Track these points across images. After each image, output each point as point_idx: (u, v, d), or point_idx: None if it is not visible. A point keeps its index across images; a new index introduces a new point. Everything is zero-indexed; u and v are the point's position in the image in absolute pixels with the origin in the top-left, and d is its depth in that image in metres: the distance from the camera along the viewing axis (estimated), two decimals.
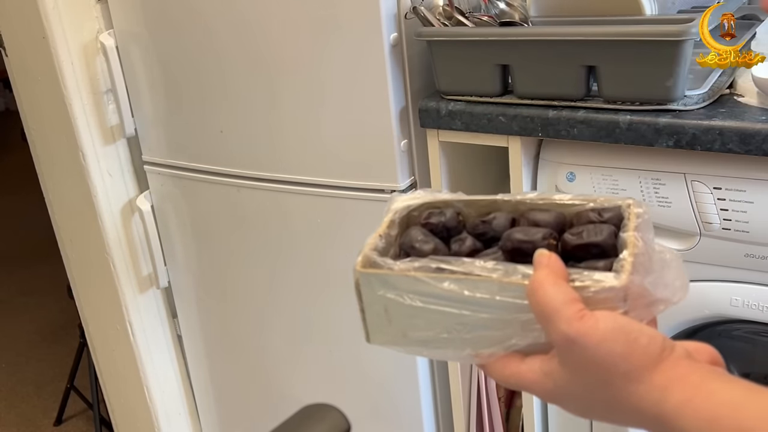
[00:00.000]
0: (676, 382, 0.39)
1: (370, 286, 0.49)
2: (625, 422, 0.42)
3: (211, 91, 1.40)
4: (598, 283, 0.43)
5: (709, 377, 0.40)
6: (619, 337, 0.40)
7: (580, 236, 0.48)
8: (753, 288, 1.03)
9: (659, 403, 0.39)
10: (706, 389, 0.39)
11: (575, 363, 0.41)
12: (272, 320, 1.56)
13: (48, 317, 2.96)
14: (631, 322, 0.41)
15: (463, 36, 1.13)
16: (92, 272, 1.68)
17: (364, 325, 0.51)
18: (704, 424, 0.38)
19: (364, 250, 0.50)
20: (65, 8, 1.42)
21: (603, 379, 0.41)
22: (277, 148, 1.36)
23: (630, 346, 0.40)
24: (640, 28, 1.00)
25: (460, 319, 0.46)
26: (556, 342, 0.42)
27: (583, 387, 0.42)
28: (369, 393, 1.49)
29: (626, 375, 0.40)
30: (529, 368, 0.44)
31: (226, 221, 1.51)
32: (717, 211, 1.00)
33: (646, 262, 0.45)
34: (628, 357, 0.40)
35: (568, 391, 0.43)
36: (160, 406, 1.77)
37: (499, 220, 0.51)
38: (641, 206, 0.49)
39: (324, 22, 1.22)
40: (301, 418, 0.55)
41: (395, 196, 0.55)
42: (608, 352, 0.40)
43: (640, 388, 0.40)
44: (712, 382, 0.39)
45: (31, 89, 1.55)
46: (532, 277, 0.43)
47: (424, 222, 0.52)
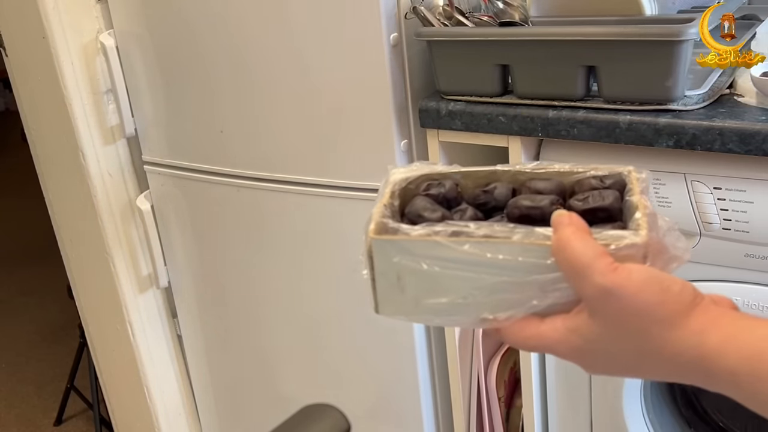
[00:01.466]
0: (712, 324, 0.40)
1: (384, 254, 0.47)
2: (657, 373, 0.42)
3: (211, 91, 1.40)
4: (620, 240, 0.43)
5: (742, 317, 0.41)
6: (653, 286, 0.40)
7: (586, 201, 0.48)
8: (753, 288, 1.03)
9: (699, 346, 0.40)
10: (745, 326, 0.40)
11: (611, 315, 0.41)
12: (272, 320, 1.56)
13: (48, 317, 2.96)
14: (661, 272, 0.42)
15: (463, 36, 1.13)
16: (92, 272, 1.68)
17: (373, 295, 0.49)
18: (748, 360, 0.39)
19: (374, 218, 0.49)
20: (65, 8, 1.42)
21: (640, 329, 0.41)
22: (277, 148, 1.36)
23: (665, 294, 0.40)
24: (640, 29, 1.00)
25: (479, 282, 0.45)
26: (590, 296, 0.41)
27: (616, 339, 0.42)
28: (369, 393, 1.49)
29: (663, 322, 0.40)
30: (551, 327, 0.44)
31: (226, 221, 1.51)
32: (717, 211, 1.00)
33: (656, 223, 0.45)
34: (664, 304, 0.40)
35: (597, 346, 0.43)
36: (160, 406, 1.77)
37: (500, 190, 0.50)
38: (642, 172, 0.50)
39: (324, 21, 1.22)
40: (301, 418, 0.55)
41: (392, 169, 0.55)
42: (645, 300, 0.40)
43: (677, 333, 0.40)
44: (747, 320, 0.40)
45: (31, 89, 1.55)
46: (558, 234, 0.42)
47: (423, 193, 0.51)
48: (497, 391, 1.39)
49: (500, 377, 1.39)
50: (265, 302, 1.54)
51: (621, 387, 1.19)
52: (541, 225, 0.45)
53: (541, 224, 0.45)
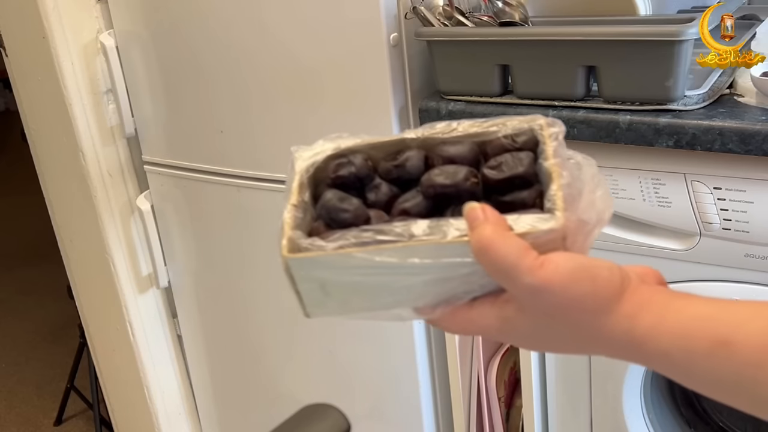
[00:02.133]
0: (642, 307, 0.40)
1: (302, 270, 0.47)
2: (594, 353, 0.42)
3: (211, 91, 1.40)
4: (536, 228, 0.41)
5: (671, 297, 0.40)
6: (582, 276, 0.40)
7: (500, 170, 0.46)
8: (753, 288, 1.03)
9: (631, 330, 0.40)
10: (673, 308, 0.39)
11: (541, 310, 0.41)
12: (272, 320, 1.56)
13: (48, 317, 2.96)
14: (588, 258, 0.41)
15: (463, 36, 1.13)
16: (92, 272, 1.68)
17: (300, 303, 0.48)
18: (679, 340, 0.38)
19: (286, 232, 0.48)
20: (65, 8, 1.42)
21: (572, 320, 0.41)
22: (277, 148, 1.36)
23: (593, 283, 0.40)
24: (640, 29, 1.00)
25: (404, 282, 0.44)
26: (519, 294, 0.41)
27: (548, 328, 0.42)
28: (369, 393, 1.49)
29: (595, 311, 0.40)
30: (480, 314, 0.43)
31: (226, 221, 1.51)
32: (717, 211, 1.00)
33: (573, 188, 0.43)
34: (594, 294, 0.40)
35: (530, 333, 0.43)
36: (160, 406, 1.77)
37: (412, 162, 0.48)
38: (553, 124, 0.48)
39: (324, 21, 1.22)
40: (301, 418, 0.55)
41: (296, 153, 0.52)
42: (575, 293, 0.40)
43: (609, 319, 0.40)
44: (676, 301, 0.40)
45: (31, 89, 1.55)
46: (476, 235, 0.41)
47: (333, 176, 0.49)
48: (497, 391, 1.39)
49: (500, 377, 1.39)
50: (265, 302, 1.54)
51: (621, 387, 1.19)
52: (458, 202, 0.44)
53: (458, 201, 0.44)
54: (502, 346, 1.40)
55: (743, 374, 0.37)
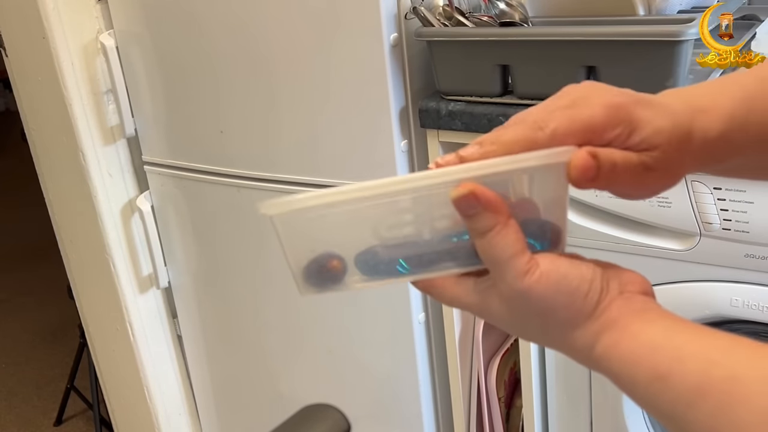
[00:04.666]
0: (607, 327, 0.41)
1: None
2: (562, 352, 0.44)
3: (211, 91, 1.40)
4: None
5: (635, 317, 0.41)
6: (562, 288, 0.41)
7: None
8: (753, 288, 1.03)
9: (591, 347, 0.41)
10: (630, 331, 0.40)
11: (517, 308, 0.42)
12: (272, 320, 1.56)
13: (48, 317, 2.96)
14: (573, 267, 0.41)
15: (463, 36, 1.14)
16: (92, 272, 1.68)
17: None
18: (626, 365, 0.40)
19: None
20: (65, 8, 1.42)
21: (543, 324, 0.42)
22: (277, 148, 1.36)
23: (572, 297, 0.41)
24: (640, 29, 1.00)
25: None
26: (501, 289, 0.42)
27: (521, 324, 0.43)
28: (369, 393, 1.49)
29: (565, 322, 0.42)
30: (465, 291, 0.45)
31: (226, 221, 1.51)
32: (717, 211, 1.00)
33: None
34: (569, 306, 0.41)
35: (504, 321, 0.44)
36: (160, 406, 1.77)
37: None
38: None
39: (324, 22, 1.22)
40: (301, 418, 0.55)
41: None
42: (551, 304, 0.41)
43: (575, 333, 0.41)
44: (636, 324, 0.40)
45: (31, 89, 1.55)
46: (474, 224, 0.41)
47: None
48: (497, 391, 1.39)
49: (500, 377, 1.39)
50: (265, 302, 1.54)
51: None
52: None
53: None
54: (502, 346, 1.40)
55: (675, 410, 0.38)
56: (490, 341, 1.38)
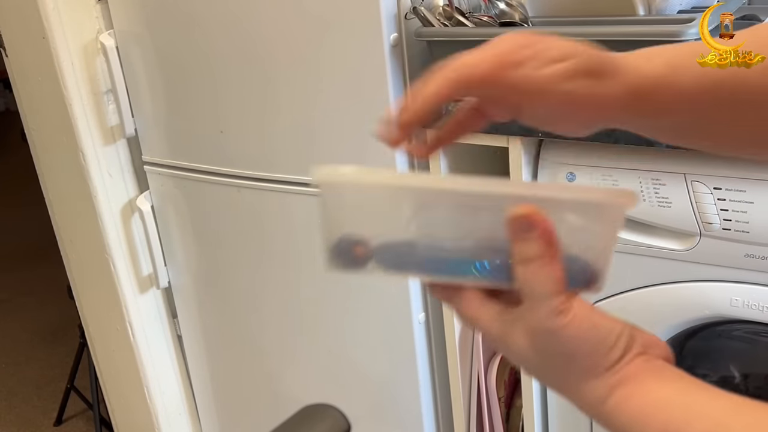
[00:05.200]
0: (624, 382, 0.41)
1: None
2: (565, 397, 0.44)
3: (211, 91, 1.40)
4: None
5: (651, 375, 0.41)
6: (590, 336, 0.41)
7: None
8: (753, 288, 1.03)
9: (602, 401, 0.41)
10: (644, 388, 0.40)
11: (541, 346, 0.42)
12: (272, 320, 1.56)
13: (48, 317, 2.96)
14: (603, 319, 0.41)
15: (463, 36, 1.13)
16: (92, 272, 1.68)
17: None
18: (636, 420, 0.40)
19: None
20: (65, 8, 1.42)
21: (561, 366, 0.42)
22: (277, 148, 1.36)
23: (597, 346, 0.41)
24: (639, 29, 1.00)
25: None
26: (530, 323, 0.42)
27: (540, 362, 0.43)
28: (369, 393, 1.49)
29: (585, 371, 0.41)
30: (488, 315, 0.44)
31: (226, 221, 1.51)
32: (717, 211, 1.00)
33: None
34: (593, 355, 0.41)
35: (521, 356, 0.44)
36: (160, 406, 1.77)
37: None
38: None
39: (324, 22, 1.22)
40: (301, 418, 0.55)
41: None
42: (576, 348, 0.41)
43: (591, 383, 0.41)
44: (650, 381, 0.41)
45: (31, 89, 1.55)
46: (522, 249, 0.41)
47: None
48: (497, 391, 1.39)
49: (500, 377, 1.39)
50: (265, 302, 1.54)
51: None
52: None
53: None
54: None
55: None
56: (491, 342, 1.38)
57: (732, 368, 1.24)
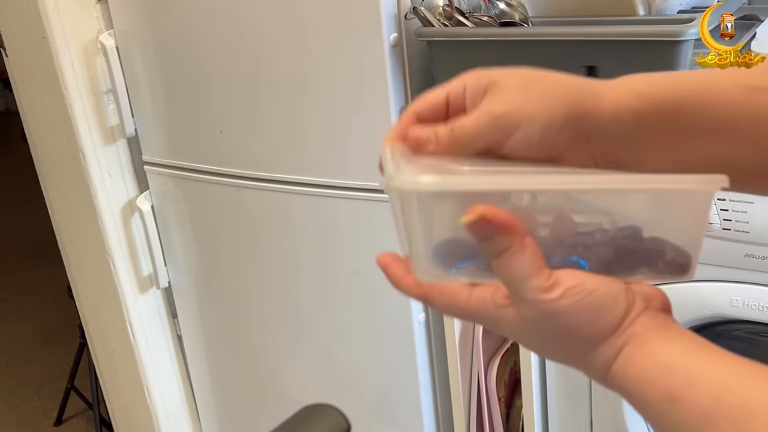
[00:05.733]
0: (629, 342, 0.40)
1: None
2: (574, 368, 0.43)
3: (211, 91, 1.40)
4: None
5: (654, 334, 0.40)
6: (586, 304, 0.40)
7: None
8: (753, 288, 1.03)
9: (608, 364, 0.40)
10: (647, 349, 0.40)
11: (537, 328, 0.41)
12: (272, 320, 1.56)
13: (48, 317, 2.96)
14: (599, 282, 0.40)
15: (463, 36, 1.14)
16: (92, 272, 1.68)
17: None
18: (640, 383, 0.39)
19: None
20: (65, 8, 1.42)
21: (563, 341, 0.41)
22: (277, 148, 1.36)
23: (597, 312, 0.40)
24: (640, 29, 1.00)
25: None
26: (521, 308, 0.41)
27: (540, 341, 0.42)
28: (369, 393, 1.49)
29: (589, 339, 0.41)
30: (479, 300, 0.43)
31: (226, 221, 1.51)
32: (717, 211, 1.00)
33: None
34: (595, 321, 0.40)
35: (518, 335, 0.43)
36: (160, 406, 1.77)
37: None
38: None
39: (324, 22, 1.22)
40: (301, 418, 0.55)
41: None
42: (575, 322, 0.40)
43: (598, 349, 0.41)
44: (654, 340, 0.40)
45: (31, 89, 1.55)
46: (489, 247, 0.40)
47: None
48: (497, 391, 1.39)
49: (500, 377, 1.39)
50: (265, 302, 1.54)
51: None
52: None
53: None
54: (502, 346, 1.40)
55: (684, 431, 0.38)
56: (490, 341, 1.38)
57: None
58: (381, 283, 0.47)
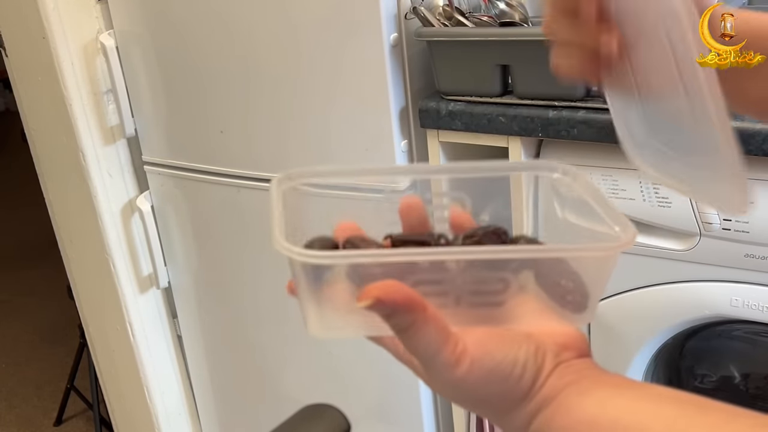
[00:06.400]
0: (541, 407, 0.40)
1: None
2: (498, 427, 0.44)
3: (211, 91, 1.40)
4: None
5: (569, 391, 0.40)
6: (493, 378, 0.40)
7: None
8: (753, 288, 1.03)
9: (526, 426, 0.41)
10: (564, 407, 0.39)
11: (454, 396, 0.43)
12: (272, 320, 1.56)
13: (48, 317, 2.96)
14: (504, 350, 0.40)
15: (463, 36, 1.14)
16: (92, 272, 1.68)
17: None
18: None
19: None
20: (65, 8, 1.42)
21: (480, 408, 0.43)
22: (277, 148, 1.36)
23: (504, 384, 0.40)
24: None
25: None
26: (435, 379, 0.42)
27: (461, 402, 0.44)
28: (369, 393, 1.49)
29: (500, 409, 0.41)
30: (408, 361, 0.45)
31: (226, 221, 1.51)
32: (717, 211, 1.00)
33: None
34: (503, 395, 0.40)
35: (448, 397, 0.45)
36: (160, 406, 1.77)
37: None
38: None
39: (324, 22, 1.22)
40: (301, 418, 0.55)
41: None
42: (484, 393, 0.41)
43: (511, 415, 0.41)
44: (569, 399, 0.39)
45: (31, 89, 1.55)
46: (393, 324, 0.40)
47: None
48: None
49: None
50: (265, 302, 1.54)
51: None
52: None
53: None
54: None
55: None
56: None
57: (732, 368, 1.25)
58: None
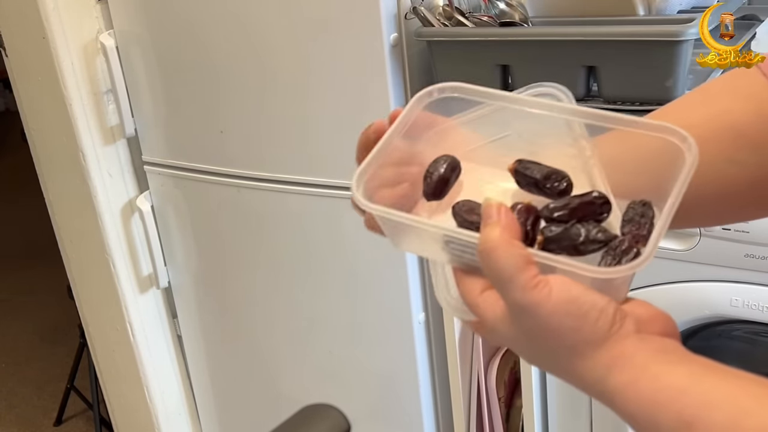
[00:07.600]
0: (619, 362, 0.39)
1: None
2: (567, 381, 0.42)
3: (211, 91, 1.40)
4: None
5: (654, 358, 0.39)
6: (570, 310, 0.39)
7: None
8: (753, 288, 1.03)
9: (602, 381, 0.39)
10: (650, 372, 0.39)
11: (524, 327, 0.41)
12: (272, 320, 1.56)
13: (48, 317, 2.96)
14: (584, 292, 0.40)
15: (463, 36, 1.14)
16: (92, 272, 1.68)
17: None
18: (647, 408, 0.38)
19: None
20: (65, 8, 1.42)
21: (549, 347, 0.41)
22: (277, 148, 1.36)
23: (580, 321, 0.39)
24: (640, 29, 1.00)
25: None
26: (509, 305, 0.41)
27: (531, 347, 0.42)
28: (369, 393, 1.49)
29: (572, 348, 0.40)
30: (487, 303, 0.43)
31: (226, 221, 1.51)
32: None
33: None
34: (577, 331, 0.39)
35: (510, 341, 0.43)
36: (160, 406, 1.77)
37: None
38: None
39: (324, 22, 1.22)
40: (301, 418, 0.55)
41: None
42: (558, 324, 0.39)
43: (584, 363, 0.40)
44: (656, 365, 0.39)
45: (31, 89, 1.55)
46: (483, 235, 0.41)
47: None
48: (497, 391, 1.39)
49: (500, 377, 1.39)
50: (265, 302, 1.54)
51: None
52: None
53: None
54: (502, 346, 1.40)
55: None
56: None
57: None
58: (381, 284, 0.48)
